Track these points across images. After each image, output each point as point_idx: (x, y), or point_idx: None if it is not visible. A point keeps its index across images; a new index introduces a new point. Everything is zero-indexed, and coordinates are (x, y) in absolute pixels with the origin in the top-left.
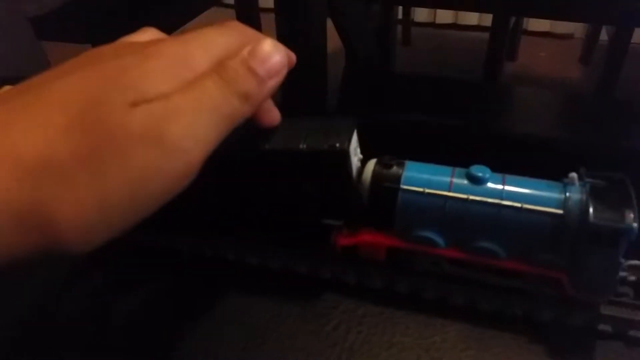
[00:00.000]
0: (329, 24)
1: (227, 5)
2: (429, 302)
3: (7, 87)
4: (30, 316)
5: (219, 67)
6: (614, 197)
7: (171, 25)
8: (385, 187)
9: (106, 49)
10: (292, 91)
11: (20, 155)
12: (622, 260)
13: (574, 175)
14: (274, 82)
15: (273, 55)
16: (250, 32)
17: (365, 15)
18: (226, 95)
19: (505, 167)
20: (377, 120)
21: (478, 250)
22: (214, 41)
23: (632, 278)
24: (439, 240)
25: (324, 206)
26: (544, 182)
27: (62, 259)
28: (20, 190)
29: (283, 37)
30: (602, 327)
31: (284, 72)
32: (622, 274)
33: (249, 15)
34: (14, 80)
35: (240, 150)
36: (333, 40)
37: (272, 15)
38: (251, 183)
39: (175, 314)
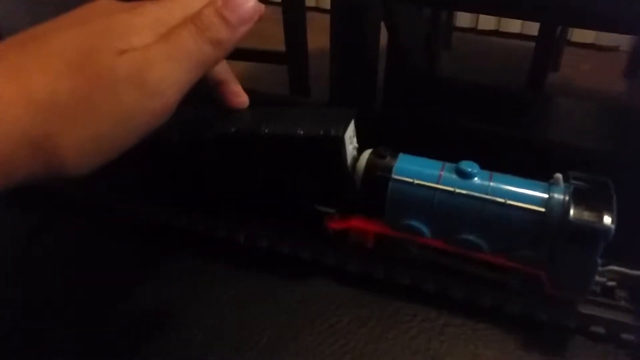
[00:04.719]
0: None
1: (274, 3)
2: (511, 316)
3: None
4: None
5: (195, 16)
6: (596, 199)
7: None
8: (377, 175)
9: (97, 6)
10: (343, 90)
11: (32, 94)
12: (599, 260)
13: (559, 176)
14: (244, 29)
15: (245, 3)
16: None
17: (416, 19)
18: (199, 42)
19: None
20: (422, 122)
21: (462, 242)
22: (191, 5)
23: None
24: (425, 230)
25: (319, 192)
26: (530, 181)
27: (63, 180)
28: (33, 123)
29: (337, 37)
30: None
31: (255, 19)
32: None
33: (295, 13)
34: None
35: (240, 133)
36: None
37: (315, 14)
38: (250, 166)
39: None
